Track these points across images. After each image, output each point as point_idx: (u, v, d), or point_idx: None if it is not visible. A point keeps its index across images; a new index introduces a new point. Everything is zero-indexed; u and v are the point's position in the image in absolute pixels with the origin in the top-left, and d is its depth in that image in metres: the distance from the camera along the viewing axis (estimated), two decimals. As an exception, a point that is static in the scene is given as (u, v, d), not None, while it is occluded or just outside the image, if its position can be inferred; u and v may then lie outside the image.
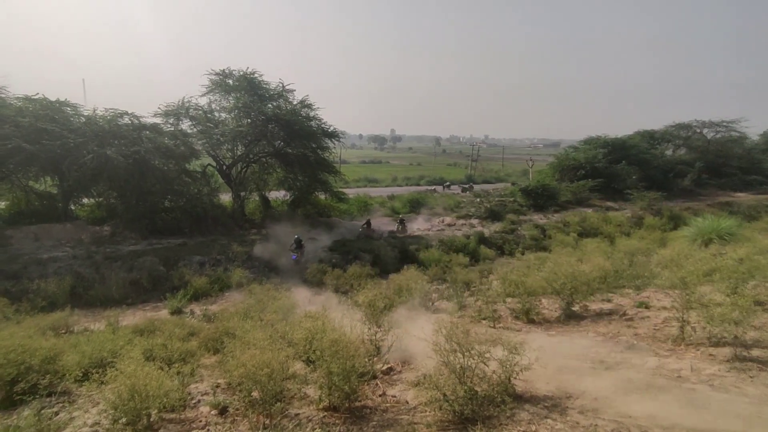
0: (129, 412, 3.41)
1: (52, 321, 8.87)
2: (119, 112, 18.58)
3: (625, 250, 12.62)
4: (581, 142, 34.19)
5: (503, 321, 7.72)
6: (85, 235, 16.41)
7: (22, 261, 13.27)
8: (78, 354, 5.46)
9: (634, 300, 8.14)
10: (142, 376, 3.47)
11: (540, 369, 4.36)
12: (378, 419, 3.63)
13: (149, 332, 6.99)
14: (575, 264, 8.10)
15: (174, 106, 20.66)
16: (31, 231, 15.71)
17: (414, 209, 25.44)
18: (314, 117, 22.22)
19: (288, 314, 8.04)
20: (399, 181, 46.89)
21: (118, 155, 16.17)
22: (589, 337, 6.41)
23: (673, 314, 6.36)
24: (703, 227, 13.70)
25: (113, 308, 11.16)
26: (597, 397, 3.92)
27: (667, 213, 22.38)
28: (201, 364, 5.42)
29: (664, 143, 36.39)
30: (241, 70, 21.50)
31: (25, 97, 17.26)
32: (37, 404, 4.09)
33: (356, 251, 16.87)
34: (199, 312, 10.69)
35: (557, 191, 25.85)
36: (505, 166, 66.64)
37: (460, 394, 3.48)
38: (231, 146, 21.73)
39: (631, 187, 26.58)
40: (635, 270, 9.78)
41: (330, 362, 3.68)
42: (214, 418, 3.81)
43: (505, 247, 18.26)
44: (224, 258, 15.35)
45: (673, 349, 5.43)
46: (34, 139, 15.21)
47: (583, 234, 18.63)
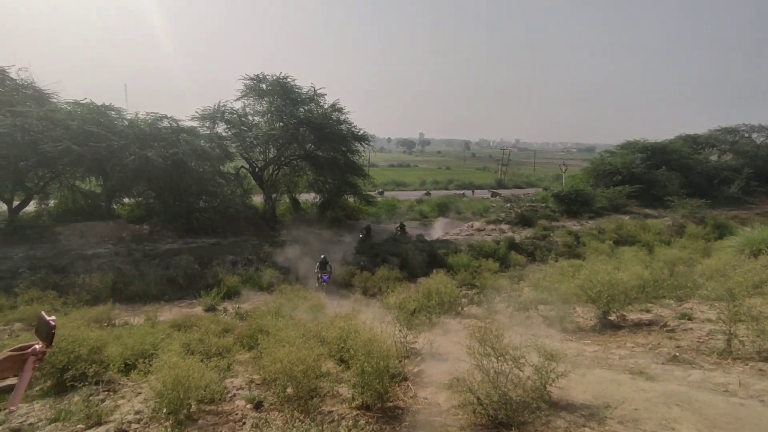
0: (172, 402, 3.54)
1: (95, 314, 9.31)
2: (159, 116, 19.41)
3: (665, 260, 12.10)
4: (618, 146, 33.02)
5: (535, 328, 7.56)
6: (126, 233, 17.15)
7: (69, 256, 14.00)
8: (121, 346, 5.72)
9: (676, 311, 7.80)
10: (186, 367, 3.60)
11: (576, 377, 4.25)
12: (410, 420, 3.63)
13: (186, 327, 7.23)
14: (612, 272, 7.83)
15: (210, 109, 21.40)
16: (78, 228, 16.55)
17: (442, 213, 25.31)
18: (345, 120, 22.50)
19: (318, 314, 8.16)
20: (427, 185, 46.69)
21: (157, 157, 16.84)
22: (627, 347, 6.19)
23: (719, 327, 6.06)
24: (752, 237, 12.96)
25: (151, 303, 11.64)
26: (637, 408, 3.77)
27: (711, 221, 21.29)
28: (235, 360, 5.56)
29: (708, 148, 34.64)
30: (275, 75, 22.05)
31: (74, 101, 18.28)
32: (86, 391, 4.31)
33: (384, 254, 16.90)
34: (232, 310, 10.96)
35: (592, 197, 25.10)
36: (537, 171, 65.27)
37: (494, 398, 3.43)
38: (263, 149, 22.28)
39: (672, 194, 25.42)
40: (676, 280, 9.37)
41: (363, 361, 3.71)
42: (249, 411, 3.90)
43: (536, 253, 17.86)
44: (256, 258, 15.70)
45: (719, 363, 5.17)
46: (81, 141, 16.04)
47: (620, 242, 17.98)
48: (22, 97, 17.78)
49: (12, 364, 1.52)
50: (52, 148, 15.34)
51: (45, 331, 1.56)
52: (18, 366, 1.52)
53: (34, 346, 1.55)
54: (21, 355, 1.53)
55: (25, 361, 1.52)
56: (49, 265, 13.28)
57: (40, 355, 1.55)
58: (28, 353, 1.53)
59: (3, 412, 4.22)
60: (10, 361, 1.52)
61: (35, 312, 9.68)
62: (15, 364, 1.52)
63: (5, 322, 9.34)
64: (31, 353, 1.54)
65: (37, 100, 18.29)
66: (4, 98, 17.31)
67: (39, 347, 1.55)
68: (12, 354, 1.53)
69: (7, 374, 1.53)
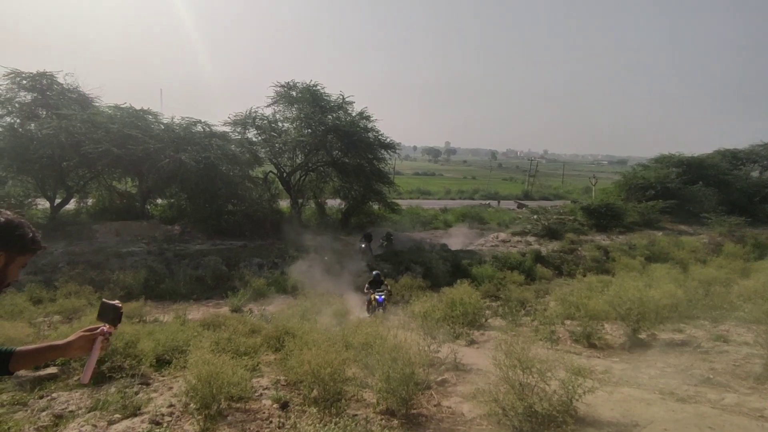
0: (204, 397, 3.68)
1: (128, 310, 9.65)
2: (193, 121, 20.10)
3: (701, 279, 11.64)
4: (652, 160, 32.02)
5: (561, 343, 7.42)
6: (159, 233, 17.77)
7: (105, 253, 14.61)
8: (153, 341, 5.93)
9: (711, 332, 7.50)
10: (218, 364, 3.74)
11: (604, 394, 4.17)
12: (434, 427, 3.65)
13: (215, 326, 7.43)
14: (643, 289, 7.62)
15: (242, 115, 22.04)
16: (114, 227, 17.27)
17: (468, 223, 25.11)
18: (372, 128, 22.73)
19: (342, 319, 8.25)
20: (452, 194, 46.47)
21: (190, 160, 17.43)
22: (657, 366, 6.00)
23: (757, 351, 5.82)
24: (794, 258, 12.37)
25: (180, 302, 11.99)
26: (667, 429, 3.68)
27: (751, 241, 20.30)
28: (262, 361, 5.69)
29: (749, 164, 33.08)
30: (304, 83, 22.53)
31: (114, 105, 19.16)
32: (122, 383, 4.51)
33: (407, 262, 16.91)
34: (257, 311, 11.17)
35: (623, 211, 24.37)
36: (566, 183, 64.02)
37: (519, 410, 3.41)
38: (291, 155, 22.74)
39: (709, 211, 24.40)
40: (712, 300, 9.02)
41: (389, 367, 3.75)
42: (276, 411, 4.00)
43: (563, 267, 17.49)
44: (281, 261, 15.98)
45: (756, 387, 4.96)
46: (120, 144, 16.77)
47: (651, 259, 17.39)
48: (67, 101, 18.75)
49: (84, 342, 1.70)
50: (93, 149, 16.11)
51: (111, 313, 1.74)
52: (88, 345, 1.70)
53: (102, 327, 1.73)
54: (91, 335, 1.71)
55: (94, 341, 1.70)
56: (87, 261, 13.89)
57: (107, 335, 1.73)
58: (97, 333, 1.71)
59: (46, 399, 4.47)
60: (83, 340, 1.69)
61: (73, 305, 10.16)
62: (86, 343, 1.70)
63: (45, 314, 9.80)
64: (99, 333, 1.71)
65: (81, 103, 19.28)
66: (51, 101, 18.33)
67: (107, 328, 1.73)
68: (84, 334, 1.71)
69: (80, 352, 1.71)
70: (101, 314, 1.75)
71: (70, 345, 1.68)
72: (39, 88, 18.60)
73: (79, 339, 1.69)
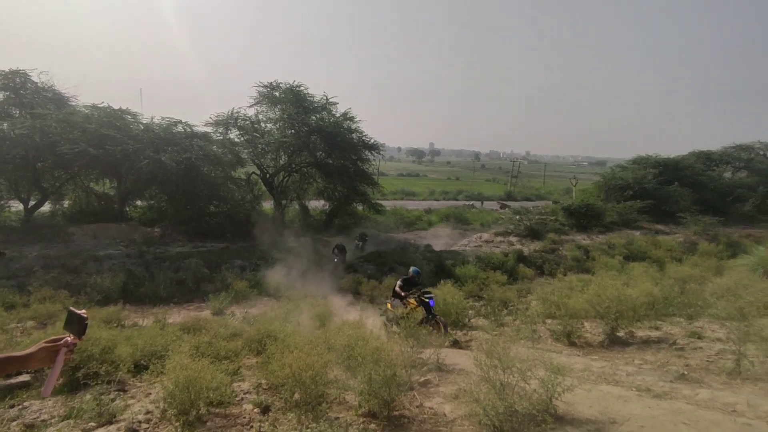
0: (182, 403, 3.61)
1: (106, 314, 9.42)
2: (174, 121, 19.77)
3: (676, 277, 11.98)
4: (629, 161, 32.86)
5: (542, 342, 7.52)
6: (138, 235, 17.40)
7: (81, 257, 14.23)
8: (131, 347, 5.80)
9: (686, 329, 7.71)
10: (197, 369, 3.68)
11: (583, 392, 4.24)
12: (416, 429, 3.65)
13: (195, 330, 7.31)
14: (621, 287, 7.78)
15: (224, 115, 21.76)
16: (91, 229, 16.84)
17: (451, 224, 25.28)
18: (356, 129, 22.72)
19: (325, 321, 8.21)
20: (436, 194, 46.72)
21: (171, 161, 17.13)
22: (635, 364, 6.13)
23: (729, 347, 5.99)
24: (766, 256, 12.79)
25: (160, 306, 11.75)
26: (644, 425, 3.76)
27: (724, 239, 20.96)
28: (243, 364, 5.62)
29: (722, 165, 34.24)
30: (288, 83, 22.39)
31: (92, 105, 18.71)
32: (97, 390, 4.40)
33: (392, 263, 16.92)
34: (239, 314, 11.03)
35: (602, 211, 24.89)
36: (547, 184, 64.98)
37: (499, 409, 3.44)
38: (274, 156, 22.57)
39: (684, 211, 25.13)
40: (687, 298, 9.27)
41: (371, 369, 3.75)
42: (257, 415, 3.95)
43: (545, 266, 17.74)
44: (264, 263, 15.82)
45: (728, 383, 5.12)
46: (97, 144, 16.38)
47: (630, 257, 17.80)
48: (42, 100, 18.26)
49: (46, 354, 1.61)
50: (69, 150, 15.69)
51: (76, 324, 1.65)
52: (51, 357, 1.62)
53: (66, 338, 1.65)
54: (54, 346, 1.63)
55: (57, 352, 1.62)
56: (62, 264, 13.51)
57: (71, 346, 1.64)
58: (60, 344, 1.63)
59: (17, 408, 4.32)
60: (44, 352, 1.61)
61: (47, 311, 9.86)
62: (48, 355, 1.62)
63: (18, 320, 9.49)
64: (63, 344, 1.63)
65: (56, 102, 18.78)
66: (25, 100, 17.81)
67: (71, 339, 1.65)
68: (46, 345, 1.63)
69: (42, 364, 1.63)
70: (67, 323, 1.68)
71: (30, 357, 1.60)
72: (12, 86, 18.05)
73: (41, 350, 1.61)
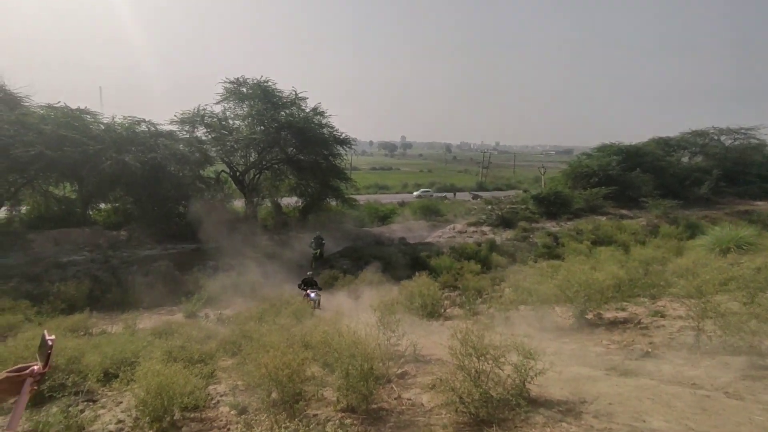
0: (155, 410, 3.52)
1: (71, 323, 9.08)
2: (137, 120, 19.09)
3: (640, 259, 12.48)
4: (594, 149, 33.94)
5: (516, 328, 7.71)
6: (103, 239, 16.78)
7: (42, 264, 13.63)
8: (100, 355, 5.61)
9: (649, 309, 8.06)
10: (169, 374, 3.59)
11: (554, 374, 4.38)
12: (395, 421, 3.69)
13: (167, 335, 7.14)
14: (589, 272, 8.06)
15: (190, 113, 21.14)
16: (51, 235, 16.12)
17: (425, 216, 25.51)
18: (326, 124, 22.56)
19: (302, 318, 8.15)
20: (409, 187, 47.00)
21: (135, 162, 16.58)
22: (603, 344, 6.38)
23: (689, 323, 6.32)
24: (721, 236, 13.49)
25: (130, 311, 11.41)
26: (611, 402, 3.92)
27: (683, 221, 22.05)
28: (219, 366, 5.53)
29: (680, 150, 35.86)
30: (255, 79, 21.93)
31: (47, 105, 17.84)
32: (65, 402, 4.23)
33: (367, 257, 16.97)
34: (214, 316, 10.84)
35: (570, 199, 25.69)
36: (517, 173, 66.36)
37: (475, 396, 3.52)
38: (244, 153, 22.14)
39: (646, 195, 26.27)
40: (650, 279, 9.68)
41: (348, 364, 3.76)
42: (234, 417, 3.90)
43: (517, 254, 18.18)
44: (237, 263, 15.56)
45: (689, 358, 5.40)
46: (55, 146, 15.66)
47: (597, 242, 18.45)
48: (-8, 101, 17.24)
49: (9, 386, 1.48)
50: (23, 153, 14.95)
51: (44, 349, 1.51)
52: (16, 387, 1.48)
53: (32, 367, 1.51)
54: (18, 376, 1.49)
55: (22, 383, 1.48)
56: (22, 273, 12.92)
57: (37, 376, 1.50)
58: (25, 374, 1.49)
59: (-22, 426, 4.11)
60: (7, 383, 1.48)
61: (7, 322, 9.40)
62: (12, 386, 1.48)
63: (-25, 333, 9.01)
64: (28, 374, 1.49)
65: (8, 103, 17.74)
66: (-27, 102, 16.78)
67: (37, 368, 1.51)
68: (9, 375, 1.49)
69: (5, 396, 1.50)
70: (39, 348, 1.54)
71: None
72: (-43, 87, 16.98)
73: (4, 381, 1.47)
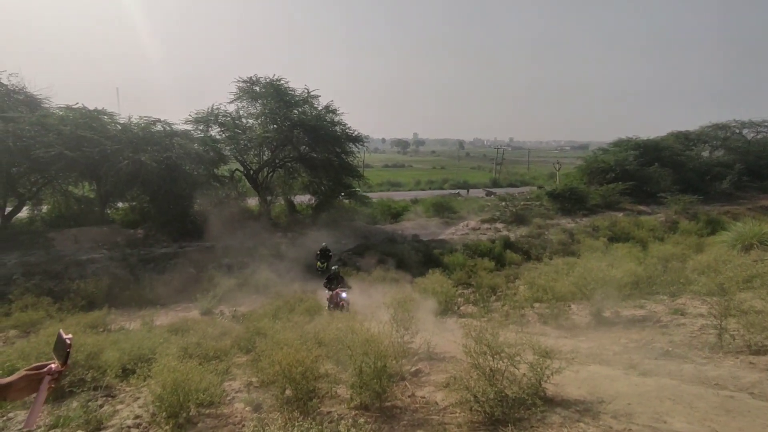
0: (171, 406, 3.57)
1: (91, 319, 9.29)
2: (152, 120, 19.34)
3: (659, 256, 12.22)
4: (611, 144, 33.29)
5: (531, 326, 7.63)
6: (120, 238, 17.08)
7: (63, 262, 13.93)
8: (118, 351, 5.72)
9: (669, 307, 7.89)
10: (185, 371, 3.63)
11: (571, 373, 4.31)
12: (408, 419, 3.67)
13: (183, 331, 7.24)
14: (606, 269, 7.92)
15: (204, 113, 21.35)
16: (71, 234, 16.46)
17: (438, 213, 25.35)
18: (339, 122, 22.52)
19: (315, 316, 8.19)
20: (422, 185, 46.72)
21: (151, 161, 16.79)
22: (621, 343, 6.26)
23: (711, 321, 6.15)
24: (743, 232, 13.13)
25: (147, 308, 11.60)
26: (630, 403, 3.84)
27: (703, 217, 21.51)
28: (233, 363, 5.58)
29: (700, 144, 34.91)
30: (268, 77, 22.02)
31: (66, 106, 18.16)
32: (84, 397, 4.32)
33: (380, 255, 16.96)
34: (229, 313, 10.96)
35: (586, 195, 25.27)
36: (531, 169, 65.51)
37: (490, 395, 3.48)
38: (258, 152, 22.27)
39: (665, 191, 25.67)
40: (669, 276, 9.47)
41: (361, 361, 3.75)
42: (248, 414, 3.93)
43: (531, 251, 17.97)
44: (251, 260, 15.70)
45: (711, 357, 5.26)
46: (74, 147, 15.94)
47: (614, 239, 18.12)
48: (14, 103, 17.63)
49: (28, 383, 1.49)
50: (44, 153, 15.26)
51: (61, 349, 1.52)
52: (34, 385, 1.49)
53: (50, 366, 1.52)
54: (37, 374, 1.50)
55: (41, 381, 1.49)
56: (44, 271, 13.23)
57: (55, 374, 1.52)
58: (43, 372, 1.50)
59: (1, 419, 4.22)
60: (26, 380, 1.49)
61: (30, 319, 9.65)
62: (31, 384, 1.49)
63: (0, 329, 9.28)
64: (46, 372, 1.50)
65: (29, 105, 18.16)
66: (-4, 104, 17.19)
67: (55, 366, 1.52)
68: (28, 373, 1.51)
69: (23, 394, 1.52)
70: (55, 347, 1.55)
71: (10, 386, 1.46)
72: (-20, 90, 17.41)
73: (23, 379, 1.48)
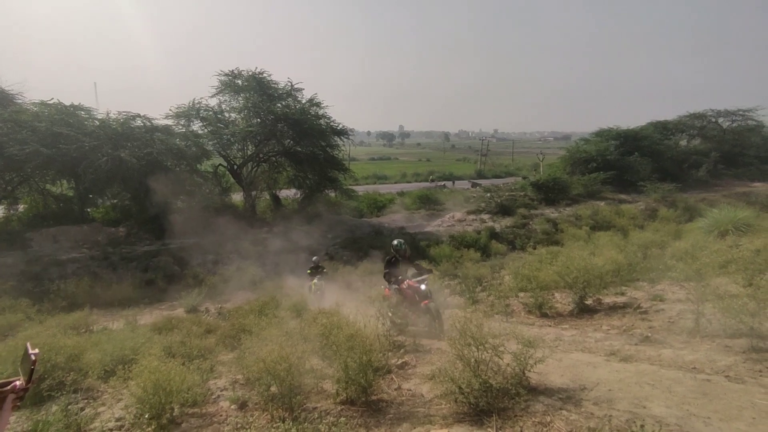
0: (153, 407, 3.52)
1: (72, 320, 9.09)
2: (132, 115, 18.93)
3: (639, 243, 12.47)
4: (592, 134, 33.76)
5: (516, 315, 7.73)
6: (101, 236, 16.75)
7: (42, 262, 13.61)
8: (100, 352, 5.62)
9: (649, 293, 8.06)
10: (166, 371, 3.58)
11: (554, 362, 4.39)
12: (394, 412, 3.70)
13: (167, 330, 7.15)
14: (588, 257, 8.04)
15: (185, 107, 20.95)
16: (50, 233, 16.08)
17: (424, 205, 25.43)
18: (323, 115, 22.36)
19: (301, 311, 8.16)
20: (408, 177, 46.82)
21: (131, 157, 16.46)
22: (602, 330, 6.39)
23: (688, 306, 6.31)
24: (719, 218, 13.45)
25: (131, 307, 11.44)
26: (611, 389, 3.92)
27: (681, 204, 22.02)
28: (219, 361, 5.54)
29: (677, 134, 35.67)
30: (250, 71, 21.69)
31: (41, 102, 17.66)
32: (64, 400, 4.24)
33: (366, 248, 16.97)
34: (214, 310, 10.87)
35: (568, 185, 25.61)
36: (515, 161, 66.12)
37: (475, 386, 3.52)
38: (241, 146, 21.99)
39: (644, 179, 26.21)
40: (649, 263, 9.67)
41: (347, 356, 3.75)
42: (233, 412, 3.91)
43: (516, 241, 18.20)
44: (237, 256, 15.57)
45: (688, 341, 5.40)
46: (50, 144, 15.53)
47: (596, 227, 18.44)
48: (-17, 99, 17.09)
49: None
50: (18, 151, 14.84)
51: (27, 364, 1.45)
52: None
53: (14, 383, 1.46)
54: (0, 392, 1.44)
55: (4, 400, 1.43)
56: (21, 272, 12.91)
57: (20, 392, 1.45)
58: (7, 391, 1.44)
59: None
60: None
61: (8, 321, 9.40)
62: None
63: (-24, 333, 9.02)
64: (10, 390, 1.44)
65: (1, 101, 17.59)
66: (-36, 100, 16.62)
67: (19, 383, 1.46)
68: None
69: None
70: (22, 361, 1.48)
71: None
72: (-53, 86, 16.79)
73: None
